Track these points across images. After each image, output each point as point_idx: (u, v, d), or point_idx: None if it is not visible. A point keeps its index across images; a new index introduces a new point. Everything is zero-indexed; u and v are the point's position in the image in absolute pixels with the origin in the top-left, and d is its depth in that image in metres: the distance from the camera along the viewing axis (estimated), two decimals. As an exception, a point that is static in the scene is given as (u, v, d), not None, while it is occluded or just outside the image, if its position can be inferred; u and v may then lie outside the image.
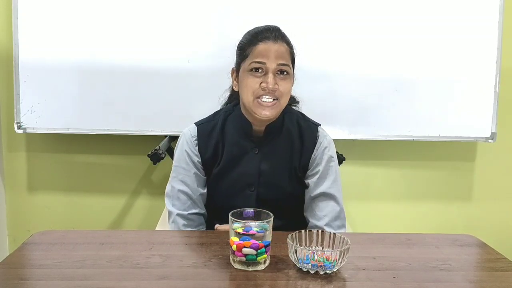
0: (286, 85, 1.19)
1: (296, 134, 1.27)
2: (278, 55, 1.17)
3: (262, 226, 0.91)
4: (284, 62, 1.18)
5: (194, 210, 1.24)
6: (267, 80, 1.16)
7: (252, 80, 1.17)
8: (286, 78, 1.19)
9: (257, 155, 1.24)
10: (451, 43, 1.89)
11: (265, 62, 1.16)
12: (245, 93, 1.19)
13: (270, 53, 1.16)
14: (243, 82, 1.19)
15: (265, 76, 1.16)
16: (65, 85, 1.84)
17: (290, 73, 1.20)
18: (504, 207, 2.17)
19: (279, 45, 1.18)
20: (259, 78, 1.17)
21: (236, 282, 0.86)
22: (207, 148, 1.24)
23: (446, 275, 0.91)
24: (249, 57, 1.19)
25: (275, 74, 1.17)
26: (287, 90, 1.19)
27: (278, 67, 1.17)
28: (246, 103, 1.20)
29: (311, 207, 1.26)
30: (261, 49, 1.17)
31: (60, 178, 2.05)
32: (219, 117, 1.28)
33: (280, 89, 1.17)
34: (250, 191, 1.24)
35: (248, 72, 1.18)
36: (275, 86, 1.16)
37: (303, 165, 1.26)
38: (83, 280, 0.85)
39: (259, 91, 1.17)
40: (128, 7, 1.82)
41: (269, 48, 1.17)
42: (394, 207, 2.11)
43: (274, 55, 1.16)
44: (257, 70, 1.17)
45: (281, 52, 1.18)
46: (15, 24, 1.80)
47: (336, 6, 1.85)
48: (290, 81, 1.20)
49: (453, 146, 2.09)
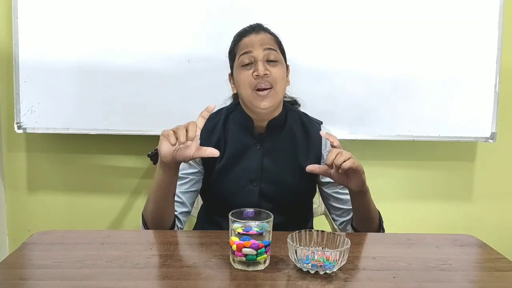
0: (278, 71, 1.20)
1: (299, 131, 1.28)
2: (263, 42, 1.20)
3: (262, 226, 0.91)
4: (269, 46, 1.20)
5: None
6: (257, 68, 1.17)
7: (244, 74, 1.19)
8: (276, 65, 1.20)
9: (259, 151, 1.25)
10: (451, 43, 1.89)
11: (251, 51, 1.19)
12: (242, 88, 1.21)
13: (254, 43, 1.20)
14: (238, 79, 1.22)
15: (255, 65, 1.18)
16: (65, 85, 1.84)
17: (279, 59, 1.22)
18: (504, 207, 2.17)
19: (262, 35, 1.23)
20: (250, 70, 1.19)
21: (236, 282, 0.86)
22: (209, 145, 1.24)
23: (446, 275, 0.91)
24: (236, 54, 1.22)
25: (264, 62, 1.19)
26: (280, 76, 1.20)
27: (265, 53, 1.19)
28: (246, 98, 1.21)
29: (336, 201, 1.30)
30: (245, 42, 1.22)
31: (60, 178, 2.05)
32: (221, 114, 1.30)
33: (273, 75, 1.18)
34: (252, 187, 1.24)
35: (239, 68, 1.21)
36: (266, 71, 1.17)
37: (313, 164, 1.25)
38: (83, 280, 0.85)
39: (253, 81, 1.18)
40: (128, 7, 1.82)
41: (252, 39, 1.21)
42: (394, 207, 2.11)
43: (258, 44, 1.20)
44: (247, 64, 1.19)
45: (265, 40, 1.21)
46: (15, 24, 1.80)
47: (336, 6, 1.85)
48: (281, 68, 1.22)
49: (453, 146, 2.09)
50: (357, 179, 1.11)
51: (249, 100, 1.20)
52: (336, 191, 1.29)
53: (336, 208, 1.31)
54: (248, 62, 1.19)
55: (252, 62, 1.19)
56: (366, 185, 1.15)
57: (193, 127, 1.02)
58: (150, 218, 1.17)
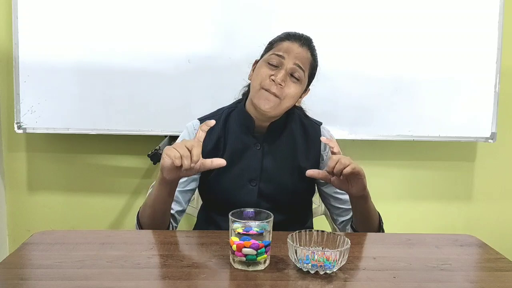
0: (293, 89, 1.19)
1: (299, 132, 1.28)
2: (298, 56, 1.19)
3: (262, 226, 0.91)
4: (300, 64, 1.18)
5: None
6: (277, 74, 1.16)
7: (264, 70, 1.18)
8: (296, 83, 1.19)
9: (259, 151, 1.25)
10: (451, 43, 1.89)
11: (284, 57, 1.17)
12: (254, 80, 1.20)
13: (291, 52, 1.18)
14: (257, 70, 1.21)
15: (279, 70, 1.17)
16: (65, 85, 1.84)
17: (302, 80, 1.20)
18: (504, 207, 2.17)
19: (303, 49, 1.20)
20: (272, 71, 1.18)
21: (236, 282, 0.86)
22: (209, 141, 1.24)
23: (446, 275, 0.91)
24: (272, 50, 1.21)
25: (287, 73, 1.18)
26: (293, 94, 1.19)
27: (293, 67, 1.18)
28: (252, 91, 1.21)
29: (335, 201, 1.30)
30: (285, 46, 1.20)
31: (60, 178, 2.05)
32: (222, 113, 1.29)
33: (286, 90, 1.17)
34: (252, 186, 1.24)
35: (264, 62, 1.20)
36: (282, 82, 1.16)
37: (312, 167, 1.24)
38: (83, 280, 0.85)
39: (266, 82, 1.17)
40: (128, 7, 1.82)
41: (292, 48, 1.19)
42: (394, 207, 2.11)
43: (294, 55, 1.18)
44: (272, 64, 1.18)
45: (302, 56, 1.19)
46: (15, 24, 1.80)
47: (336, 6, 1.85)
48: (298, 88, 1.20)
49: (453, 146, 2.09)
50: (358, 184, 1.11)
51: (254, 95, 1.20)
52: (335, 191, 1.29)
53: (335, 208, 1.31)
54: (275, 63, 1.18)
55: (278, 66, 1.18)
56: (367, 190, 1.15)
57: (197, 150, 1.02)
58: (147, 222, 1.18)
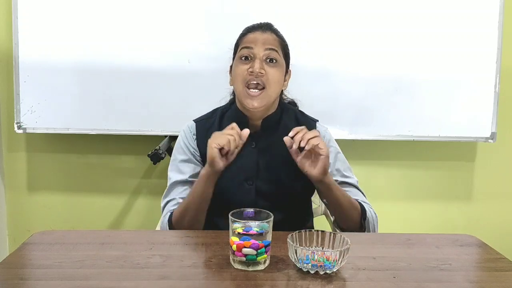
0: (275, 73, 1.19)
1: None
2: (266, 42, 1.20)
3: (262, 226, 0.91)
4: (271, 47, 1.19)
5: None
6: (254, 65, 1.17)
7: (240, 68, 1.19)
8: (275, 66, 1.20)
9: (254, 149, 1.24)
10: (451, 43, 1.89)
11: (252, 47, 1.19)
12: (235, 82, 1.21)
13: (257, 41, 1.20)
14: (234, 71, 1.22)
15: (253, 62, 1.18)
16: (65, 85, 1.84)
17: (279, 61, 1.21)
18: (504, 207, 2.17)
19: (267, 34, 1.22)
20: (247, 65, 1.19)
21: (236, 282, 0.86)
22: (205, 144, 1.24)
23: (446, 275, 0.91)
24: (239, 47, 1.23)
25: (262, 61, 1.19)
26: (276, 79, 1.19)
27: (266, 53, 1.19)
28: (237, 93, 1.22)
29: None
30: (249, 37, 1.21)
31: (60, 178, 2.05)
32: (216, 114, 1.30)
33: (268, 76, 1.18)
34: (248, 185, 1.24)
35: (238, 61, 1.21)
36: (261, 70, 1.17)
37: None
38: (83, 280, 0.85)
39: (247, 76, 1.18)
40: (128, 7, 1.82)
41: (257, 37, 1.21)
42: (394, 207, 2.11)
43: (261, 42, 1.19)
44: (246, 58, 1.19)
45: (269, 40, 1.21)
46: (15, 24, 1.80)
47: (336, 6, 1.85)
48: (279, 70, 1.21)
49: (453, 146, 2.09)
50: (320, 164, 1.10)
51: (240, 96, 1.21)
52: None
53: None
54: (247, 55, 1.19)
55: (251, 58, 1.19)
56: (330, 176, 1.15)
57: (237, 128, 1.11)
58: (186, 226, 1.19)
